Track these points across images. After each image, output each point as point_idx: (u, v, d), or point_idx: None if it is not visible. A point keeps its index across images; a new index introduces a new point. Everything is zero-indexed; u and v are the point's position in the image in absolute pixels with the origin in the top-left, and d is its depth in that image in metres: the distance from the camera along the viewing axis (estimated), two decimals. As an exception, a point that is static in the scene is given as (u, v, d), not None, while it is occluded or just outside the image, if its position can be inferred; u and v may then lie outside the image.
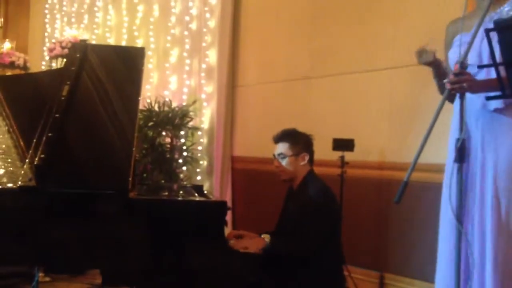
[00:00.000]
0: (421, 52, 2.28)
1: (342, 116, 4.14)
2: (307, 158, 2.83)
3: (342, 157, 3.72)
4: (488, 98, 1.99)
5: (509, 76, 1.79)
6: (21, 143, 2.72)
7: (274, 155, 2.88)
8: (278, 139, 2.88)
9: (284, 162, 2.82)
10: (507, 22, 1.82)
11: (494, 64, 1.82)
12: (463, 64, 1.97)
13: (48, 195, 2.34)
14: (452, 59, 2.32)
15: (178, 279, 2.41)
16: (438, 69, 2.35)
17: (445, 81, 2.09)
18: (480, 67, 2.05)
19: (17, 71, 5.68)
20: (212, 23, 5.13)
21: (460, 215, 1.99)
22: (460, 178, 1.94)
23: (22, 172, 2.45)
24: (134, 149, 2.51)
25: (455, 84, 2.02)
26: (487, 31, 1.78)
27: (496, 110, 2.15)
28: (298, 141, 2.85)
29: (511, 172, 2.12)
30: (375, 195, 3.84)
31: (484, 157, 2.17)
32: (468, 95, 2.13)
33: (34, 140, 2.53)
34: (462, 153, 1.89)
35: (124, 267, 2.40)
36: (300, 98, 4.49)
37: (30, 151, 2.52)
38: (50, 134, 2.45)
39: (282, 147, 2.84)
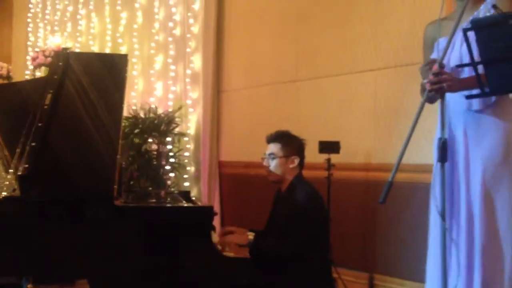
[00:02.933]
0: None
1: (327, 118, 4.15)
2: (296, 161, 2.82)
3: (328, 160, 3.73)
4: (468, 97, 2.01)
5: (487, 74, 1.81)
6: (6, 153, 2.71)
7: (264, 154, 2.88)
8: (271, 139, 2.87)
9: (273, 163, 2.82)
10: (484, 22, 1.84)
11: (472, 63, 1.84)
12: (441, 64, 1.99)
13: (32, 205, 2.32)
14: None
15: (167, 285, 2.41)
16: None
17: (424, 81, 2.10)
18: (459, 66, 2.07)
19: (0, 81, 5.63)
20: (195, 29, 5.14)
21: (444, 214, 2.01)
22: (443, 177, 1.95)
23: (7, 182, 2.44)
24: (119, 156, 2.50)
25: (435, 84, 2.03)
26: (465, 31, 1.80)
27: (477, 111, 2.17)
28: (290, 143, 2.85)
29: (496, 170, 2.13)
30: (362, 197, 3.85)
31: (468, 158, 2.19)
32: (452, 96, 2.15)
33: (18, 150, 2.51)
34: (443, 153, 1.90)
35: (113, 275, 2.39)
36: (285, 102, 4.50)
37: (14, 161, 2.50)
38: (33, 144, 2.43)
39: (273, 147, 2.84)
